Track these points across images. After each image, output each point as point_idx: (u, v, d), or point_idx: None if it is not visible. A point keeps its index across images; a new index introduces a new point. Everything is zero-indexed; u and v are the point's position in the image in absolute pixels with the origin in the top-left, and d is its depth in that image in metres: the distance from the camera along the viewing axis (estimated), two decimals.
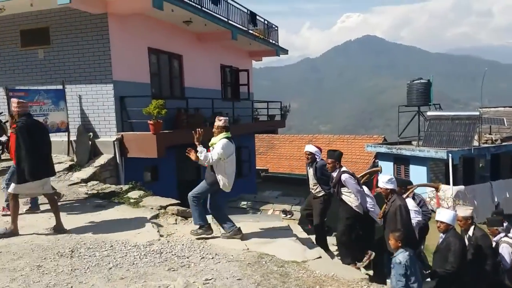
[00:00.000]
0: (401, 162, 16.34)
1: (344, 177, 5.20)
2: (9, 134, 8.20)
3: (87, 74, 8.75)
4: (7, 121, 7.95)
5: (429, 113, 16.35)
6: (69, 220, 5.48)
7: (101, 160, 8.46)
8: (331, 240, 6.50)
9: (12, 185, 4.86)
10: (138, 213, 6.04)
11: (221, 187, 4.91)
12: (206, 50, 12.19)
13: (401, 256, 4.13)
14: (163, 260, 4.15)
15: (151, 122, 8.30)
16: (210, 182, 4.94)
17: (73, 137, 8.86)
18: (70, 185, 7.43)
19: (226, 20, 11.40)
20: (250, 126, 13.74)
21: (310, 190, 6.35)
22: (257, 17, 13.46)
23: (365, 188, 5.95)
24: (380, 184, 5.04)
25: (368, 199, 5.61)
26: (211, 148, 4.94)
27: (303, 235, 5.72)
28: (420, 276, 4.22)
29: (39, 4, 8.34)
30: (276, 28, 15.30)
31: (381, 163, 15.83)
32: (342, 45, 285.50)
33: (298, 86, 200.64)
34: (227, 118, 5.21)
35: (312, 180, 6.14)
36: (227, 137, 4.93)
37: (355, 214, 5.33)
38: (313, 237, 5.99)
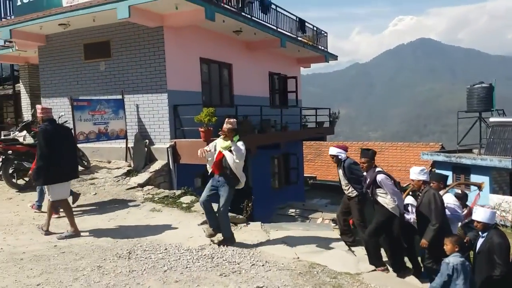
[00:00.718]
0: (461, 171, 15.33)
1: (380, 177, 4.87)
2: None
3: (144, 85, 9.21)
4: (71, 129, 8.52)
5: (492, 119, 15.25)
6: (127, 222, 5.77)
7: (156, 166, 8.82)
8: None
9: (50, 192, 5.07)
10: (190, 217, 6.21)
11: (241, 186, 5.07)
12: (255, 58, 12.35)
13: (452, 258, 3.89)
14: (214, 265, 4.20)
15: (201, 129, 8.53)
16: (233, 184, 5.02)
17: (130, 144, 9.33)
18: (128, 189, 7.81)
19: (275, 28, 11.49)
20: (298, 133, 13.65)
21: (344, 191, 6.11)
22: (306, 23, 13.42)
23: (410, 198, 5.64)
24: (412, 176, 4.89)
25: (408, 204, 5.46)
26: (223, 151, 4.93)
27: (356, 246, 5.53)
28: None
29: (101, 19, 8.94)
30: (326, 34, 15.15)
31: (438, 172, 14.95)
32: (394, 49, 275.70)
33: (346, 91, 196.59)
34: (235, 120, 5.16)
35: (343, 181, 5.87)
36: (239, 140, 5.00)
37: (390, 216, 4.97)
38: (358, 249, 5.65)
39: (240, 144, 4.91)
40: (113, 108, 9.02)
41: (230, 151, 4.88)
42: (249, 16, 10.12)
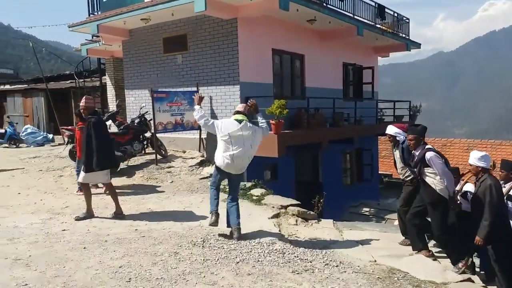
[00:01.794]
0: None
1: (429, 155, 4.42)
2: (149, 130, 9.35)
3: (217, 77, 9.37)
4: (151, 119, 9.02)
5: None
6: (201, 211, 5.90)
7: None
8: None
9: (81, 175, 5.44)
10: (260, 210, 6.17)
11: (216, 165, 4.84)
12: (328, 48, 11.91)
13: None
14: (286, 261, 4.09)
15: (273, 121, 8.44)
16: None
17: (204, 135, 9.59)
18: (201, 179, 8.05)
19: (351, 15, 10.94)
20: (374, 127, 12.94)
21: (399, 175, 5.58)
22: (386, 9, 12.58)
23: (470, 185, 5.03)
24: (471, 161, 4.46)
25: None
26: None
27: (441, 252, 5.03)
28: None
29: (179, 13, 9.24)
30: (407, 21, 14.08)
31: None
32: (484, 36, 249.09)
33: (427, 83, 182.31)
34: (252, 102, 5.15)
35: (399, 164, 5.36)
36: (236, 119, 4.85)
37: (438, 198, 4.50)
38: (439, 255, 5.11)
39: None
40: (189, 99, 9.32)
41: None
42: (324, 4, 9.74)
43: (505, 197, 4.52)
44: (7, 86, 22.86)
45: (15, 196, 6.81)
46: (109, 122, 10.80)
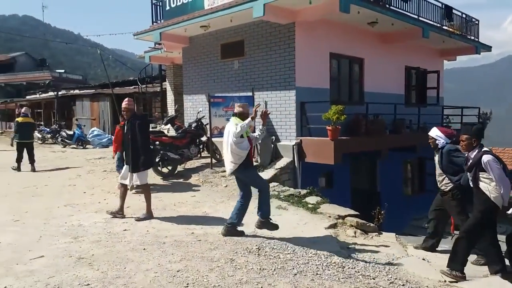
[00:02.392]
0: None
1: (486, 158, 3.96)
2: (205, 134, 9.53)
3: (273, 82, 9.31)
4: (207, 123, 9.17)
5: None
6: (255, 218, 5.80)
7: (281, 163, 8.83)
8: None
9: (123, 174, 5.61)
10: (316, 220, 5.95)
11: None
12: (389, 51, 11.37)
13: None
14: (347, 276, 3.85)
15: (329, 127, 8.18)
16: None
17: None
18: None
19: (416, 17, 10.36)
20: None
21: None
22: (454, 10, 11.76)
23: None
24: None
25: None
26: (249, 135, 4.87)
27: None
28: None
29: (237, 19, 9.33)
30: (477, 22, 13.07)
31: None
32: None
33: (494, 89, 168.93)
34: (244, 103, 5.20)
35: (437, 171, 4.93)
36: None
37: (491, 206, 4.03)
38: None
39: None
40: None
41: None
42: (387, 5, 9.30)
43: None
44: (76, 91, 24.71)
45: (81, 195, 7.22)
46: (167, 126, 11.21)
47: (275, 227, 4.90)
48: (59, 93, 25.04)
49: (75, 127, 18.29)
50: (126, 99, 5.78)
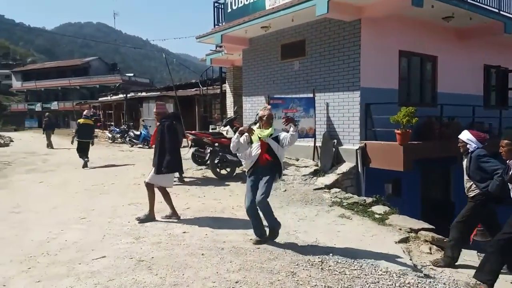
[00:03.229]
0: None
1: None
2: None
3: (336, 82, 8.87)
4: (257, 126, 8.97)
5: None
6: (316, 225, 5.49)
7: (343, 168, 8.37)
8: None
9: (150, 175, 5.48)
10: (385, 232, 5.46)
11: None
12: (466, 48, 10.34)
13: None
14: None
15: (398, 131, 7.58)
16: (280, 173, 4.73)
17: (318, 143, 9.17)
18: (315, 189, 7.63)
19: (497, 11, 9.30)
20: None
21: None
22: None
23: None
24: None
25: None
26: (267, 140, 4.58)
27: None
28: None
29: (299, 18, 9.04)
30: None
31: None
32: None
33: None
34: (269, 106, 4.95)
35: (465, 176, 4.60)
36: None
37: None
38: None
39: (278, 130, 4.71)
40: (304, 106, 9.03)
41: (273, 138, 4.61)
42: None
43: None
44: (143, 93, 26.04)
45: (144, 194, 7.26)
46: (227, 128, 11.23)
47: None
48: (128, 95, 26.59)
49: (141, 127, 19.24)
50: (156, 103, 5.89)
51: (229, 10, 11.03)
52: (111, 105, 30.53)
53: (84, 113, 11.76)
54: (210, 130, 13.89)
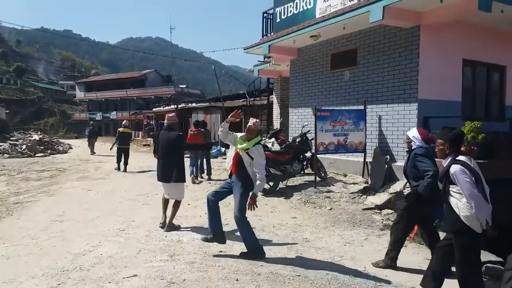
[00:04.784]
0: None
1: (454, 168, 3.34)
2: (310, 150, 8.94)
3: (390, 93, 8.25)
4: (312, 138, 8.56)
5: None
6: (364, 252, 4.95)
7: (397, 187, 7.65)
8: None
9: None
10: None
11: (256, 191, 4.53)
12: None
13: None
14: None
15: (462, 148, 6.77)
16: (247, 188, 4.52)
17: (368, 159, 8.56)
18: (364, 209, 7.03)
19: None
20: None
21: None
22: None
23: None
24: None
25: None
26: (240, 152, 4.54)
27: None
28: None
29: (351, 26, 8.57)
30: None
31: None
32: None
33: None
34: (259, 121, 4.80)
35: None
36: (259, 142, 4.60)
37: (463, 228, 3.36)
38: None
39: (261, 149, 4.54)
40: (354, 119, 8.49)
41: (247, 153, 4.48)
42: None
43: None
44: (193, 104, 26.64)
45: (185, 206, 7.24)
46: (272, 140, 10.93)
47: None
48: (179, 106, 27.37)
49: None
50: (167, 115, 6.22)
51: (278, 20, 10.82)
52: (163, 115, 31.63)
53: (123, 122, 13.14)
54: None
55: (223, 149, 15.79)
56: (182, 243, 5.02)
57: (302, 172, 9.07)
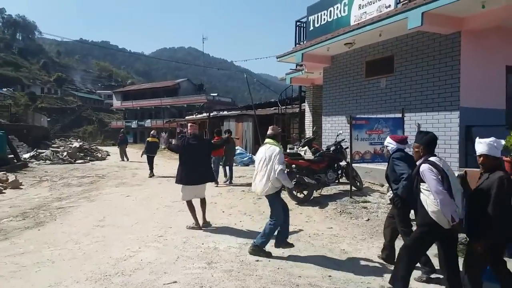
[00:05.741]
0: None
1: (423, 167, 3.57)
2: (345, 159, 8.80)
3: (429, 101, 8.00)
4: (347, 147, 8.42)
5: None
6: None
7: None
8: None
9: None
10: None
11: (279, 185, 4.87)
12: None
13: None
14: None
15: (507, 158, 6.41)
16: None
17: None
18: None
19: None
20: None
21: None
22: None
23: None
24: (477, 147, 3.50)
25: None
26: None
27: None
28: None
29: (387, 33, 8.42)
30: None
31: None
32: None
33: None
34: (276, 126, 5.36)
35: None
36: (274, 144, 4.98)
37: (430, 223, 3.50)
38: None
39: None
40: (391, 127, 8.28)
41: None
42: None
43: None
44: (225, 112, 26.96)
45: (220, 214, 7.32)
46: (304, 148, 10.83)
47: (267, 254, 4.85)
48: (211, 114, 27.79)
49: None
50: (190, 124, 6.78)
51: (311, 28, 10.80)
52: (195, 123, 32.20)
53: (151, 132, 14.22)
54: (288, 151, 13.62)
55: (254, 156, 15.84)
56: (219, 251, 5.04)
57: (337, 181, 8.92)
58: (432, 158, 3.59)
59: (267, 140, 5.08)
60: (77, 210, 7.70)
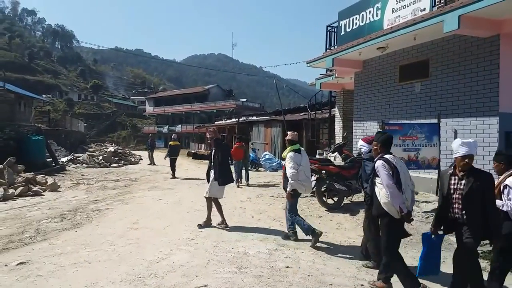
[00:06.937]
0: None
1: (377, 163, 3.93)
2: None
3: (466, 106, 7.71)
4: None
5: None
6: (441, 278, 4.59)
7: None
8: None
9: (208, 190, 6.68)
10: None
11: (302, 192, 5.87)
12: None
13: None
14: None
15: None
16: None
17: None
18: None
19: None
20: None
21: None
22: None
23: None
24: (461, 149, 3.67)
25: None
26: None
27: None
28: None
29: (422, 37, 8.21)
30: None
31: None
32: None
33: None
34: (295, 132, 5.99)
35: None
36: (293, 150, 5.75)
37: (382, 213, 3.93)
38: None
39: (289, 156, 5.74)
40: (426, 133, 8.01)
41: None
42: None
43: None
44: (254, 118, 27.07)
45: (249, 219, 7.34)
46: (335, 154, 10.70)
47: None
48: (240, 119, 28.00)
49: (250, 150, 19.89)
50: (208, 129, 7.15)
51: (342, 33, 10.70)
52: (224, 128, 32.53)
53: (173, 136, 15.80)
54: (317, 156, 13.49)
55: (283, 162, 15.79)
56: (249, 255, 5.05)
57: None
58: (386, 156, 3.98)
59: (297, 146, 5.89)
60: (112, 213, 7.96)
